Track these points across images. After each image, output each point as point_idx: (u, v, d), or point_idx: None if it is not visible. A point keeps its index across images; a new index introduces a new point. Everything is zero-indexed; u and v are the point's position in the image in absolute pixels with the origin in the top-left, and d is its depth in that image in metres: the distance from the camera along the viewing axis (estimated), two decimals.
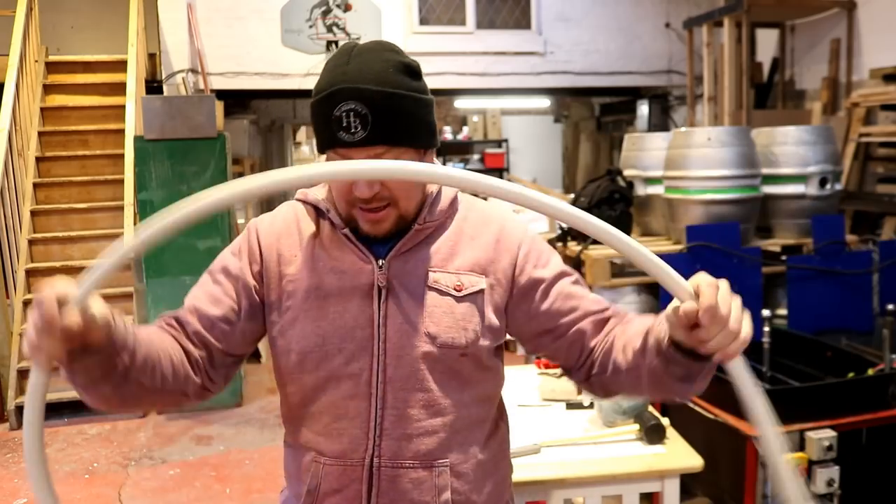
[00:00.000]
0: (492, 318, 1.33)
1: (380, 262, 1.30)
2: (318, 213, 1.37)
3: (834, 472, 2.44)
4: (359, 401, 1.28)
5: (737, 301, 1.07)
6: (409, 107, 1.23)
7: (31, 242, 5.68)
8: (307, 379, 1.31)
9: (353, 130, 1.19)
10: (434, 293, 1.30)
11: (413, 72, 1.26)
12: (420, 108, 1.25)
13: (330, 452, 1.30)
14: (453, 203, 1.37)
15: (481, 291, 1.32)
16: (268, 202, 9.16)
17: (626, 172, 3.71)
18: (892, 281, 3.38)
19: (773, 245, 3.51)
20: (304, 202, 1.38)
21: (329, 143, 1.22)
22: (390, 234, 1.30)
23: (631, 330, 1.29)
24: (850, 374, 2.71)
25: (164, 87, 6.43)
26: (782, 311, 3.34)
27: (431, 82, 1.42)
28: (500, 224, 1.38)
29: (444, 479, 1.30)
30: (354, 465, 1.29)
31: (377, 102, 1.19)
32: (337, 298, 1.30)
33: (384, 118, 1.20)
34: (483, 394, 1.36)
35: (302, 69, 6.65)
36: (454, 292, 1.31)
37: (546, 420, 2.39)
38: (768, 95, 6.40)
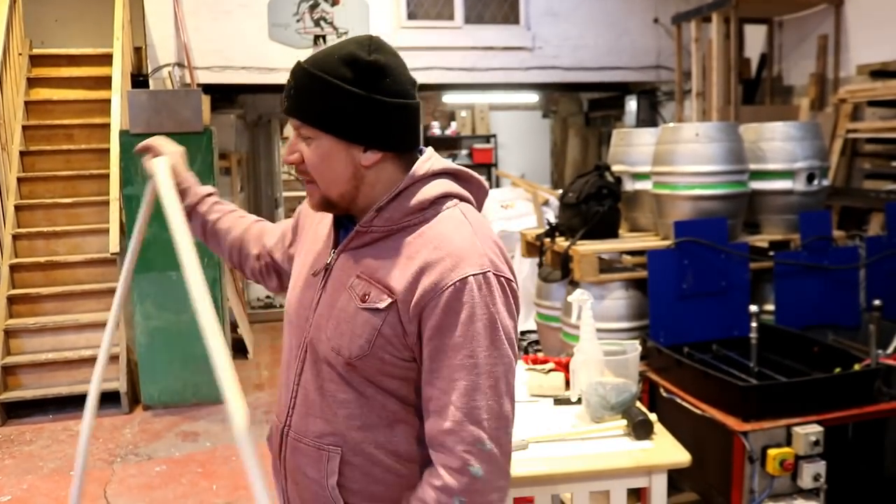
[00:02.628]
0: (387, 341, 1.29)
1: (332, 252, 1.40)
2: None
3: (820, 466, 2.45)
4: (289, 372, 1.44)
5: None
6: (329, 92, 1.27)
7: (16, 238, 5.63)
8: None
9: (285, 100, 1.34)
10: (346, 296, 1.33)
11: (361, 67, 1.27)
12: (343, 99, 1.27)
13: (275, 411, 1.50)
14: (416, 213, 1.32)
15: (380, 311, 1.28)
16: (255, 204, 9.11)
17: (615, 168, 3.70)
18: (878, 276, 3.39)
19: (760, 241, 3.52)
20: None
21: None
22: (320, 209, 1.40)
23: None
24: (837, 370, 2.72)
25: (150, 81, 6.37)
26: (769, 307, 3.34)
27: (419, 77, 1.39)
28: (443, 255, 1.26)
29: (333, 465, 1.35)
30: (280, 428, 1.44)
31: (300, 79, 1.31)
32: (305, 276, 1.45)
33: (300, 95, 1.30)
34: (384, 411, 1.34)
35: (289, 63, 6.46)
36: (359, 301, 1.31)
37: (534, 416, 2.39)
38: (756, 91, 6.42)
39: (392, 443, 1.34)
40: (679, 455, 2.13)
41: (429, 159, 1.37)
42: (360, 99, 1.26)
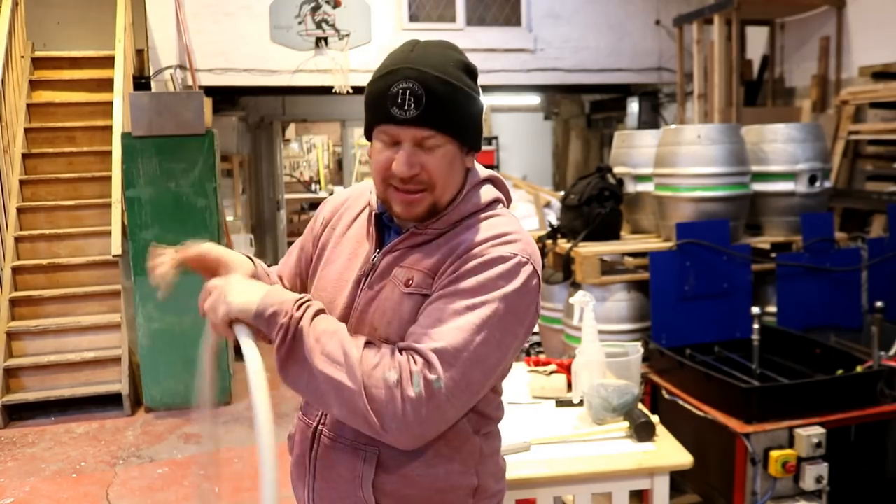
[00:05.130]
0: None
1: (375, 252, 1.39)
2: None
3: (823, 468, 2.45)
4: None
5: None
6: (462, 99, 1.29)
7: (18, 240, 5.64)
8: None
9: (406, 107, 1.25)
10: (389, 286, 1.34)
11: (471, 72, 1.33)
12: (472, 105, 1.32)
13: (303, 409, 1.49)
14: (471, 216, 1.36)
15: (426, 296, 1.31)
16: (256, 206, 9.12)
17: (616, 170, 3.70)
18: (880, 278, 3.39)
19: (762, 242, 3.52)
20: None
21: (381, 118, 1.29)
22: (421, 219, 1.35)
23: None
24: (839, 372, 2.72)
25: (152, 84, 6.38)
26: (772, 309, 3.34)
27: None
28: (493, 234, 1.32)
29: (370, 465, 1.34)
30: (310, 425, 1.44)
31: (434, 86, 1.26)
32: (340, 278, 1.43)
33: (438, 102, 1.26)
34: None
35: (291, 66, 6.62)
36: (402, 287, 1.32)
37: (536, 417, 2.39)
38: (758, 93, 6.41)
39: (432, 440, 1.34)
40: (681, 457, 2.13)
41: (481, 170, 1.44)
42: (477, 102, 1.33)
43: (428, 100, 1.25)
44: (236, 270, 1.35)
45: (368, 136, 1.37)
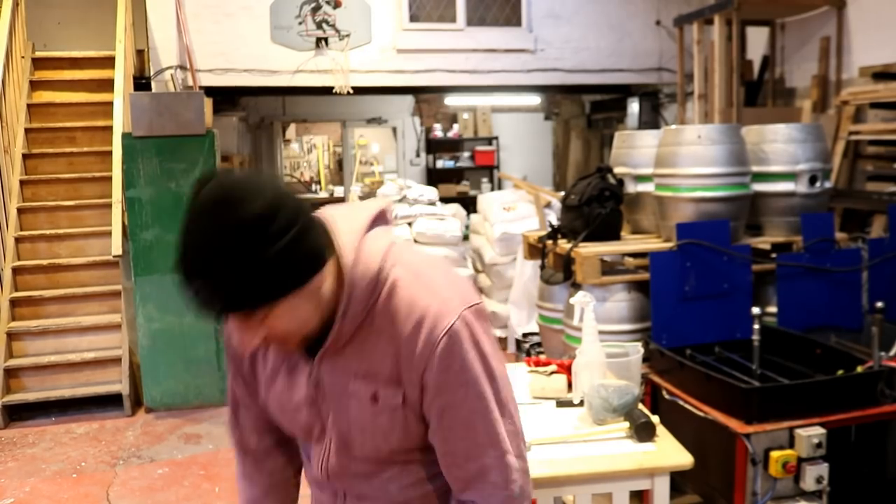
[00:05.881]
0: (416, 418, 1.32)
1: (310, 362, 1.35)
2: None
3: (823, 469, 2.45)
4: (321, 474, 1.43)
5: None
6: (256, 271, 1.12)
7: (18, 240, 5.64)
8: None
9: (205, 311, 1.16)
10: (354, 403, 1.32)
11: (258, 225, 1.11)
12: (273, 263, 1.13)
13: (318, 497, 1.51)
14: (371, 296, 1.28)
15: (399, 406, 1.30)
16: None
17: (617, 170, 3.70)
18: (881, 278, 3.38)
19: (762, 243, 3.51)
20: None
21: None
22: (316, 341, 1.30)
23: None
24: (840, 372, 2.71)
25: (153, 84, 6.39)
26: (772, 309, 3.34)
27: (421, 79, 1.39)
28: (418, 318, 1.26)
29: None
30: None
31: (219, 286, 1.13)
32: (290, 400, 1.40)
33: (231, 296, 1.14)
34: (434, 464, 1.39)
35: (291, 66, 6.62)
36: (370, 404, 1.31)
37: (536, 418, 2.39)
38: (758, 93, 6.41)
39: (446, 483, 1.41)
40: (681, 457, 2.13)
41: (349, 243, 1.27)
42: (286, 249, 1.13)
43: (220, 299, 1.14)
44: None
45: None
